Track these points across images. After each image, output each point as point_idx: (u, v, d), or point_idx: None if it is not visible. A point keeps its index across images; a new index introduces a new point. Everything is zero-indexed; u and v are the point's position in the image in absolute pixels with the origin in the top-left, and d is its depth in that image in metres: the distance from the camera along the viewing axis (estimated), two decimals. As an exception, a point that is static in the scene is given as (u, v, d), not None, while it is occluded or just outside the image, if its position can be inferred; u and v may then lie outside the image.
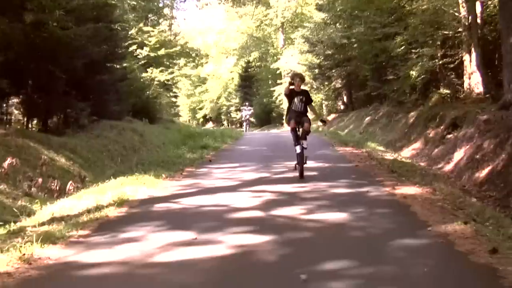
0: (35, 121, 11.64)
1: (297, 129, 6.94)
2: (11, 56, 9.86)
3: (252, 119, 26.94)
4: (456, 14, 13.10)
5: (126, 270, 3.14)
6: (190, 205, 5.23)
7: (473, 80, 12.45)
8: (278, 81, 35.19)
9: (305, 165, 6.85)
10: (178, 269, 3.16)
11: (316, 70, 25.06)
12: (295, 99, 7.03)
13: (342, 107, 26.55)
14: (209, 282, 2.91)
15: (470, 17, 12.41)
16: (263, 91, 41.16)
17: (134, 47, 21.27)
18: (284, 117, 7.64)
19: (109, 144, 11.40)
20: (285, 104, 26.78)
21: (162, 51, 24.42)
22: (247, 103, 27.99)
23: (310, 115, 7.26)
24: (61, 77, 10.70)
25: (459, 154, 9.39)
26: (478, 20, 12.50)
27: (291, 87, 7.05)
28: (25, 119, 11.43)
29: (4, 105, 11.03)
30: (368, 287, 2.71)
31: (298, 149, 6.83)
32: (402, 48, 14.76)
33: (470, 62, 12.55)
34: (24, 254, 3.41)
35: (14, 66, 10.27)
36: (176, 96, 29.14)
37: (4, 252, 3.44)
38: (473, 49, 12.40)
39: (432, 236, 3.83)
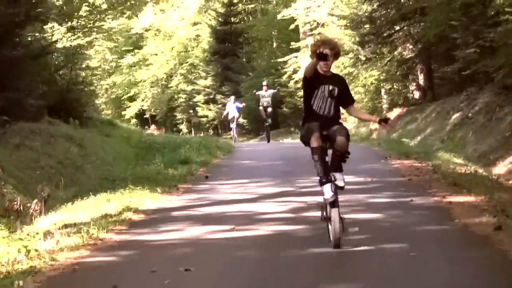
0: None
1: (324, 148, 8.46)
2: None
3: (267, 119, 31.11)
4: None
5: (189, 241, 8.92)
6: (212, 212, 11.08)
7: None
8: (293, 45, 41.31)
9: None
10: (229, 242, 8.93)
11: (366, 27, 31.03)
12: (319, 90, 8.66)
13: (416, 94, 32.55)
14: (258, 247, 8.65)
15: None
16: (262, 63, 47.43)
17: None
18: (300, 124, 9.22)
19: (39, 159, 17.14)
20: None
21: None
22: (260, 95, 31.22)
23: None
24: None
25: None
26: None
27: (317, 64, 8.43)
28: None
29: None
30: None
31: (327, 191, 8.39)
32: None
33: None
34: (92, 235, 9.16)
35: None
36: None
37: (71, 236, 9.19)
38: None
39: (453, 225, 9.65)
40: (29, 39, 21.59)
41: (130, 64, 55.34)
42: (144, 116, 56.97)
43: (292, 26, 41.06)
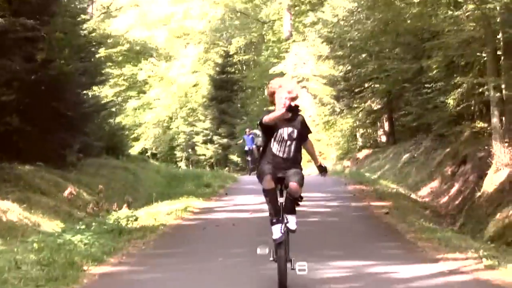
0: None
1: (278, 190, 9.52)
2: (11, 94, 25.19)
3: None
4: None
5: (230, 218, 18.97)
6: (237, 208, 21.21)
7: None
8: (283, 94, 50.66)
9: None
10: (250, 218, 18.96)
11: (342, 84, 41.14)
12: (278, 133, 9.53)
13: (383, 138, 42.61)
14: (265, 220, 18.61)
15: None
16: (255, 108, 57.11)
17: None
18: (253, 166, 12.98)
19: (110, 183, 27.02)
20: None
21: (101, 52, 39.79)
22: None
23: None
24: (65, 113, 26.40)
25: (454, 189, 25.32)
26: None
27: (274, 106, 9.46)
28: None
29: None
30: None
31: (276, 232, 9.31)
32: (435, 72, 30.76)
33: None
34: (178, 215, 19.14)
35: (20, 104, 25.79)
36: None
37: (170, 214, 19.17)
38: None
39: (366, 213, 19.74)
40: (89, 97, 31.46)
41: (135, 107, 64.95)
42: (146, 154, 66.24)
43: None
